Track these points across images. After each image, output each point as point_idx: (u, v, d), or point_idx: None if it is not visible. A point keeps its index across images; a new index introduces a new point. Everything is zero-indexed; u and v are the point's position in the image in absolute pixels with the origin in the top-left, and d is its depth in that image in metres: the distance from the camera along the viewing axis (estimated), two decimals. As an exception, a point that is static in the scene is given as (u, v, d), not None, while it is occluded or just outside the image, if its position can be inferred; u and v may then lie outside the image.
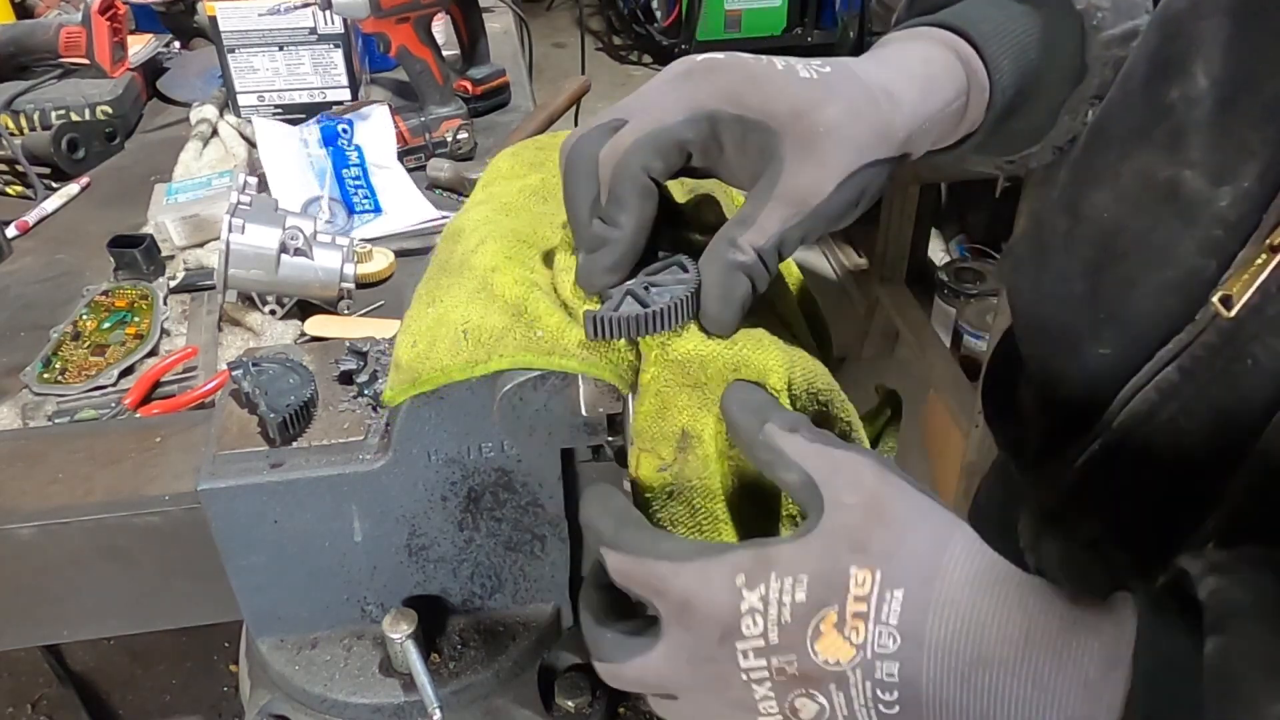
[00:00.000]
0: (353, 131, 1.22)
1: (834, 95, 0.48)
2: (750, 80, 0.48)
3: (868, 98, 0.49)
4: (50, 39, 1.45)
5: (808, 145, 0.47)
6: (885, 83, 0.51)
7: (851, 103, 0.48)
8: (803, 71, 0.48)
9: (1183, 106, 0.54)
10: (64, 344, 0.95)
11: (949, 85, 0.56)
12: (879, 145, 0.49)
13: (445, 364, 0.55)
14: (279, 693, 0.71)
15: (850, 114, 0.48)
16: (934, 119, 0.54)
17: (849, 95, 0.48)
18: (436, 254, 0.64)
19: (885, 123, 0.50)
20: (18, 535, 0.66)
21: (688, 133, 0.48)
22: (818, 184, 0.47)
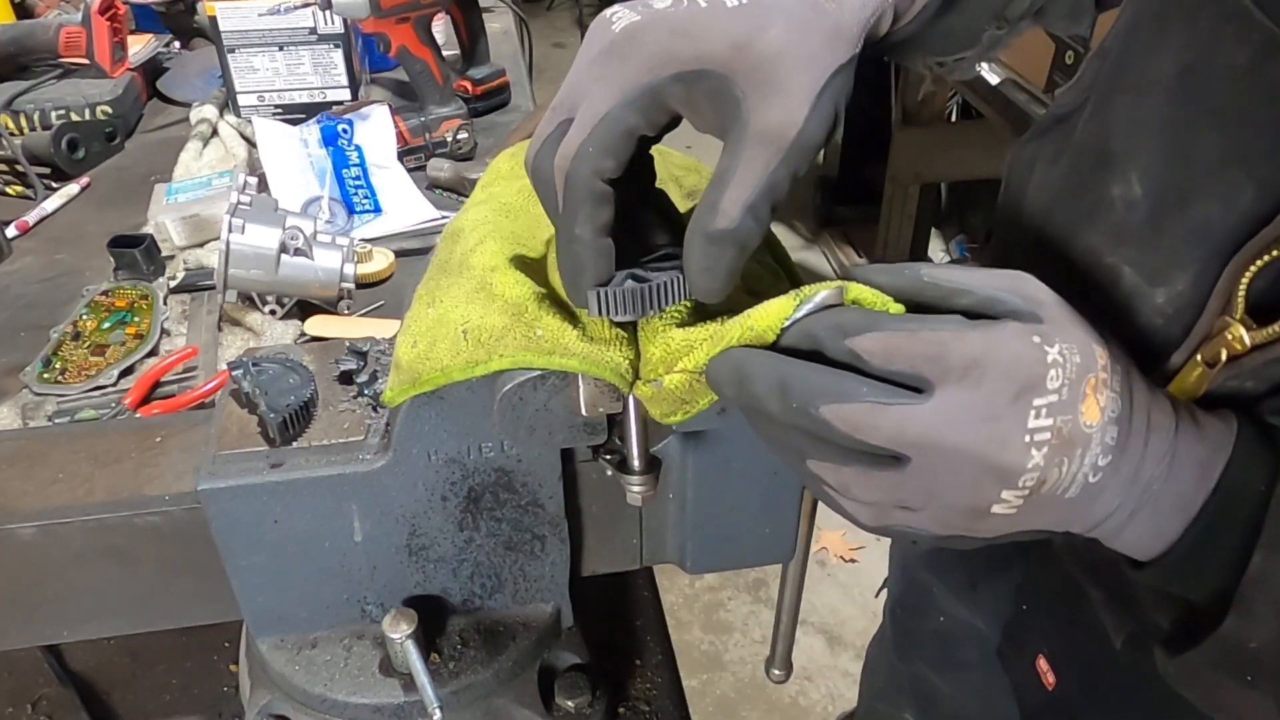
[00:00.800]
0: (353, 131, 1.22)
1: (770, 15, 0.44)
2: (675, 32, 0.45)
3: (806, 4, 0.46)
4: (50, 39, 1.45)
5: (763, 76, 0.44)
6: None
7: (790, 16, 0.45)
8: (730, 1, 0.45)
9: (1121, 206, 0.57)
10: (64, 344, 0.95)
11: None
12: (836, 51, 0.46)
13: (446, 364, 0.55)
14: (279, 693, 0.71)
15: (795, 28, 0.44)
16: (883, 3, 0.50)
17: (785, 9, 0.45)
18: (436, 255, 0.64)
19: (834, 25, 0.46)
20: (18, 535, 0.66)
21: (630, 118, 0.45)
22: (788, 114, 0.44)
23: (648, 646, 0.95)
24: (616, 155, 0.46)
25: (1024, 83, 1.91)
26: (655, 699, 0.89)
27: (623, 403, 0.55)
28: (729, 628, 2.20)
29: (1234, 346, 0.51)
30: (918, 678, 1.05)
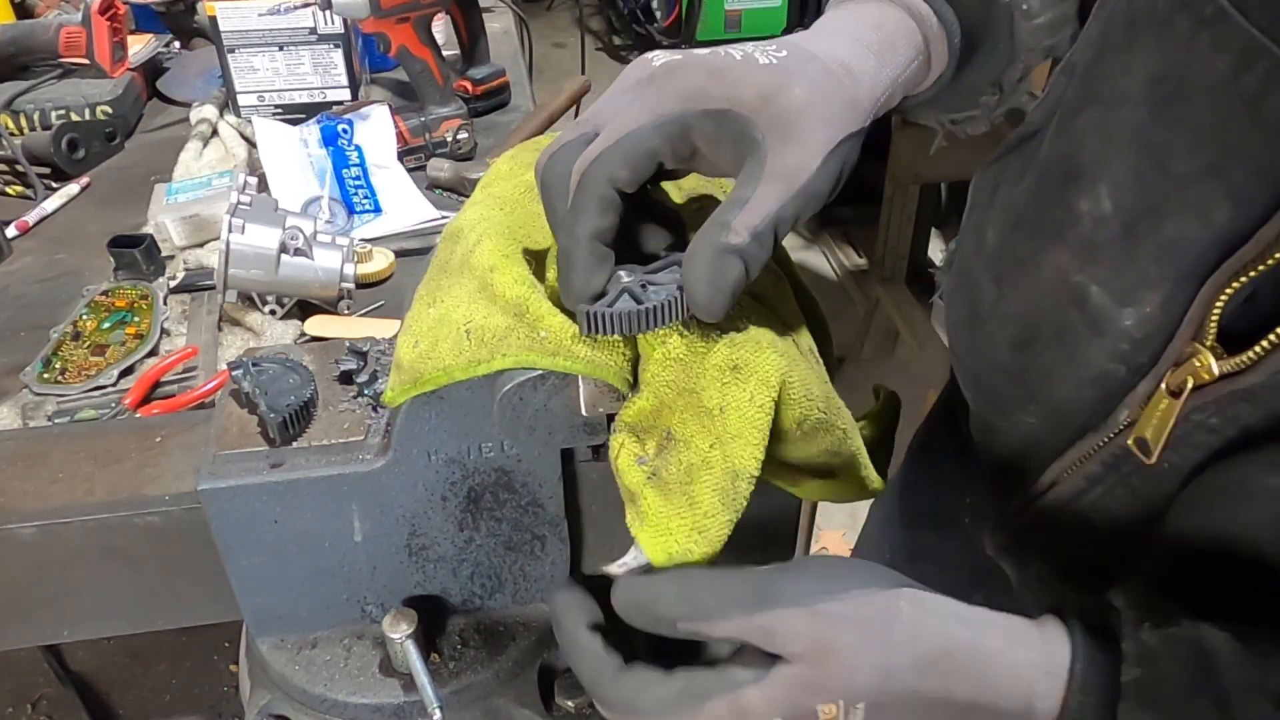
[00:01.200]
0: (353, 131, 1.22)
1: (796, 77, 0.48)
2: (712, 74, 0.48)
3: (828, 75, 0.50)
4: (50, 39, 1.45)
5: (784, 126, 0.47)
6: (842, 58, 0.51)
7: (814, 81, 0.49)
8: (761, 58, 0.49)
9: (1090, 222, 0.55)
10: (64, 344, 0.95)
11: (905, 48, 0.56)
12: (849, 119, 0.50)
13: (448, 363, 0.55)
14: (279, 693, 0.71)
15: (818, 91, 0.48)
16: (894, 84, 0.54)
17: (810, 75, 0.49)
18: (436, 255, 0.64)
19: (851, 97, 0.50)
20: (18, 535, 0.66)
21: (655, 139, 0.48)
22: (802, 161, 0.47)
23: (648, 646, 0.95)
24: (635, 169, 0.48)
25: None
26: (655, 699, 0.89)
27: (623, 402, 0.55)
28: (729, 628, 2.19)
29: (1201, 376, 0.49)
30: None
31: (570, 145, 0.50)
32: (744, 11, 4.45)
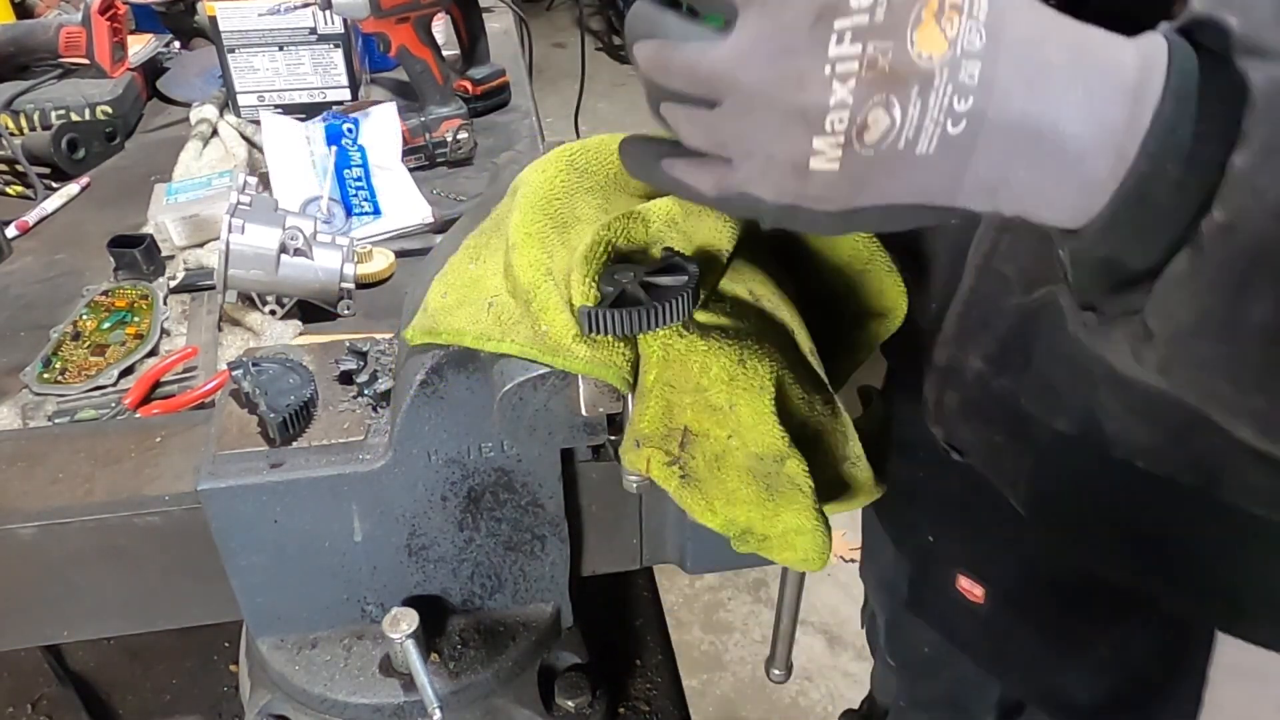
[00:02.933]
0: (358, 131, 1.22)
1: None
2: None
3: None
4: (50, 39, 1.45)
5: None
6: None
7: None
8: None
9: None
10: (64, 344, 0.95)
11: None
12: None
13: (462, 328, 0.55)
14: (279, 693, 0.71)
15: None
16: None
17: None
18: (498, 207, 0.62)
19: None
20: (18, 535, 0.66)
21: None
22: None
23: (648, 646, 0.95)
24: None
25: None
26: (655, 699, 0.89)
27: (623, 402, 0.55)
28: (729, 628, 2.20)
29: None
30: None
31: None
32: (744, 11, 4.45)
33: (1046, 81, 0.38)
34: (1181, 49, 0.39)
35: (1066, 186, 0.40)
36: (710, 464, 0.52)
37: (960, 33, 0.38)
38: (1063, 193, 0.40)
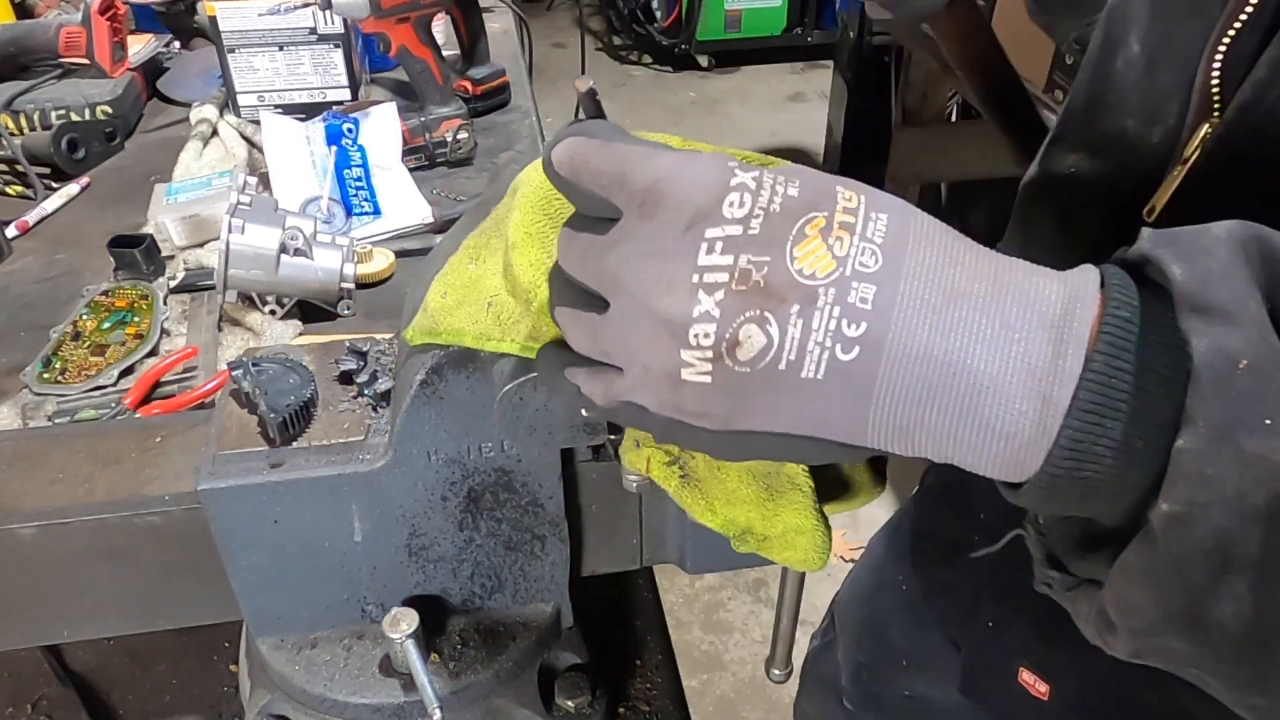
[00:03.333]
0: (358, 131, 1.22)
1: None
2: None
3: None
4: (50, 39, 1.44)
5: None
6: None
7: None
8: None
9: (1124, 70, 0.60)
10: (64, 344, 0.95)
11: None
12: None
13: (462, 328, 0.55)
14: (279, 693, 0.71)
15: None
16: None
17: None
18: (498, 206, 0.63)
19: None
20: (18, 535, 0.66)
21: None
22: None
23: (648, 646, 0.95)
24: None
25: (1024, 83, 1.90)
26: (655, 699, 0.89)
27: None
28: (729, 628, 2.19)
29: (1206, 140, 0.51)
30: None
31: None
32: (744, 11, 4.46)
33: (954, 311, 0.35)
34: (1122, 289, 0.35)
35: (987, 434, 0.35)
36: (710, 464, 0.52)
37: (851, 253, 0.35)
38: (985, 441, 0.35)
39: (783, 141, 4.00)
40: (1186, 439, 0.33)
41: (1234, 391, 0.32)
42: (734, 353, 0.35)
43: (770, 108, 4.44)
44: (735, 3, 4.42)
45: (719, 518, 0.53)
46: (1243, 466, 0.32)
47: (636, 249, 0.37)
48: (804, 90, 4.60)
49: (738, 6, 4.43)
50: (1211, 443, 0.32)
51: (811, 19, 4.50)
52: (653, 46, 4.66)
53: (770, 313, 0.35)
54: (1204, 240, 0.34)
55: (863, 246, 0.35)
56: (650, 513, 0.71)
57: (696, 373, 0.36)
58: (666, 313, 0.36)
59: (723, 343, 0.35)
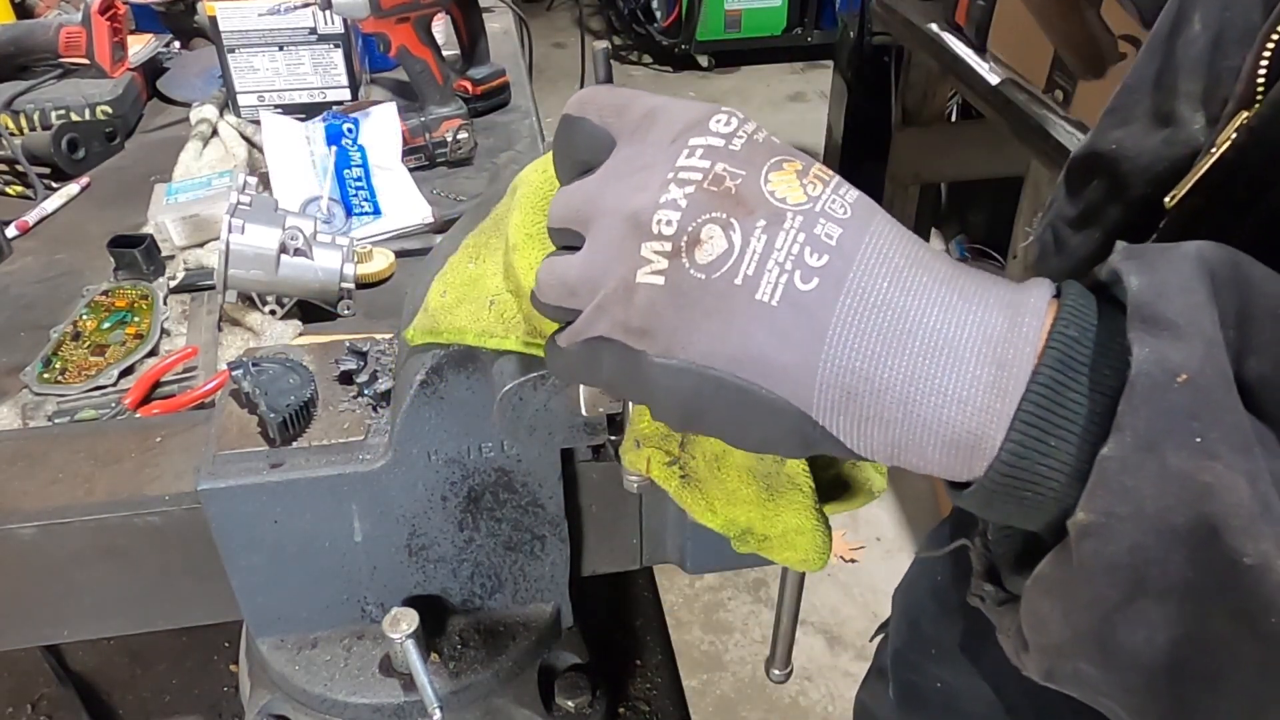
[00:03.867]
0: (358, 131, 1.22)
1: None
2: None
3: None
4: (50, 39, 1.44)
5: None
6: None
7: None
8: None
9: (1182, 50, 0.57)
10: (64, 344, 0.95)
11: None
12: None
13: (463, 326, 0.55)
14: (279, 693, 0.71)
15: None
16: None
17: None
18: (498, 206, 0.63)
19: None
20: (18, 535, 0.66)
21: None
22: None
23: (648, 646, 0.95)
24: None
25: (1024, 83, 1.90)
26: (655, 699, 0.89)
27: (623, 402, 0.55)
28: (729, 628, 2.20)
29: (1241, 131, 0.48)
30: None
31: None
32: (744, 11, 4.46)
33: (915, 275, 0.34)
34: (1076, 307, 0.34)
35: (940, 399, 0.34)
36: (710, 464, 0.52)
37: (823, 196, 0.35)
38: (937, 407, 0.34)
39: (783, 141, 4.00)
40: (1112, 447, 0.31)
41: (1167, 404, 0.31)
42: (693, 251, 0.35)
43: (770, 108, 4.44)
44: (735, 3, 4.42)
45: (719, 518, 0.53)
46: (1165, 481, 0.30)
47: (621, 168, 0.38)
48: (804, 90, 4.60)
49: (738, 6, 4.43)
50: (1135, 452, 0.31)
51: (811, 19, 4.51)
52: (653, 46, 4.66)
53: (736, 219, 0.35)
54: (1170, 255, 0.33)
55: (833, 196, 0.35)
56: (650, 513, 0.71)
57: (652, 270, 0.35)
58: (634, 207, 0.36)
59: (684, 235, 0.35)
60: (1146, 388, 0.31)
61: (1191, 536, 0.30)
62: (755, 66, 4.74)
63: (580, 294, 0.39)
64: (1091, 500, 0.32)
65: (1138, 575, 0.31)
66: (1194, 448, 0.30)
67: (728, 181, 0.35)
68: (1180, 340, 0.31)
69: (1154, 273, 0.33)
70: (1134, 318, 0.32)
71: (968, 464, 0.34)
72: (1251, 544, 0.30)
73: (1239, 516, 0.30)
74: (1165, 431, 0.30)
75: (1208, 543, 0.30)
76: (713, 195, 0.35)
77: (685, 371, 0.36)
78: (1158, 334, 0.31)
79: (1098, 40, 0.87)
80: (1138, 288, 0.33)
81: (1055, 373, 0.33)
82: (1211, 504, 0.30)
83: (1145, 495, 0.31)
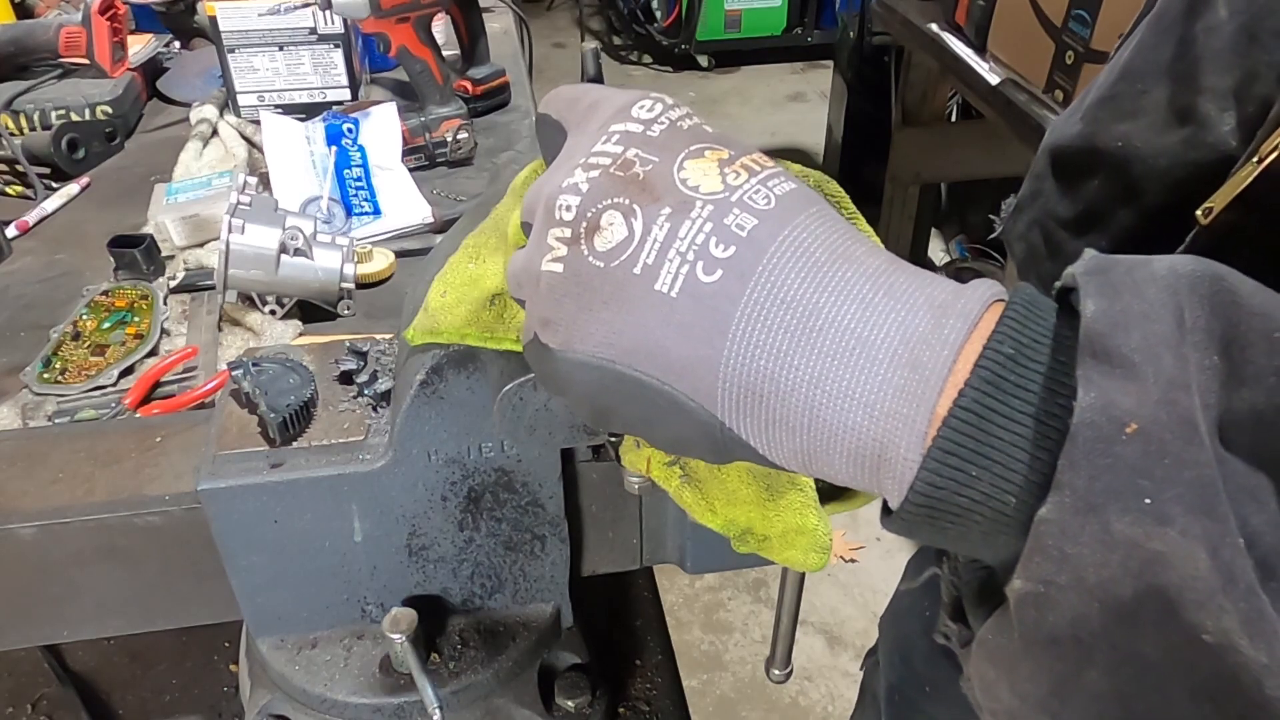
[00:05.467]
0: (358, 131, 1.22)
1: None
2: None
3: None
4: (50, 39, 1.45)
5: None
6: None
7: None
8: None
9: (1203, 38, 0.52)
10: (64, 344, 0.95)
11: None
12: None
13: (463, 326, 0.55)
14: (279, 693, 0.71)
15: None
16: None
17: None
18: (498, 206, 0.63)
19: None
20: (18, 535, 0.66)
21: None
22: None
23: (648, 646, 0.95)
24: None
25: (1024, 83, 1.90)
26: (655, 699, 0.89)
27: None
28: (729, 628, 2.20)
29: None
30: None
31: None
32: (744, 11, 4.46)
33: (837, 271, 0.32)
34: (1020, 318, 0.30)
35: (846, 402, 0.31)
36: (710, 464, 0.52)
37: (744, 186, 0.33)
38: (843, 410, 0.31)
39: (783, 141, 4.00)
40: (1050, 508, 0.28)
41: (1112, 459, 0.27)
42: (592, 239, 0.33)
43: (770, 108, 4.44)
44: (735, 3, 4.42)
45: (719, 518, 0.53)
46: (1108, 550, 0.27)
47: (561, 159, 0.37)
48: (804, 90, 4.60)
49: (738, 6, 4.43)
50: (1075, 516, 0.27)
51: (811, 19, 4.51)
52: (653, 46, 4.66)
53: (639, 206, 0.33)
54: (1138, 274, 0.29)
55: (757, 187, 0.33)
56: (650, 513, 0.71)
57: (553, 258, 0.34)
58: (545, 193, 0.35)
59: (583, 221, 0.34)
60: (1089, 440, 0.27)
61: (1141, 609, 0.27)
62: (755, 66, 4.74)
63: (524, 288, 0.38)
64: (1028, 567, 0.28)
65: (1083, 648, 0.28)
66: (1142, 510, 0.26)
67: (636, 167, 0.34)
68: (1133, 381, 0.27)
69: (1115, 296, 0.29)
70: (1084, 350, 0.28)
71: (875, 477, 0.32)
72: (1211, 620, 0.26)
73: (1195, 590, 0.26)
74: (1109, 492, 0.27)
75: (1161, 617, 0.27)
76: (617, 180, 0.34)
77: (585, 365, 0.34)
78: (1108, 374, 0.27)
79: None
80: (1093, 314, 0.28)
81: (981, 394, 0.29)
82: (1163, 575, 0.26)
83: (1087, 564, 0.27)
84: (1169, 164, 0.54)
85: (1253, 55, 0.50)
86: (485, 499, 0.66)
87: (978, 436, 0.29)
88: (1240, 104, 0.50)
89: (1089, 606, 0.28)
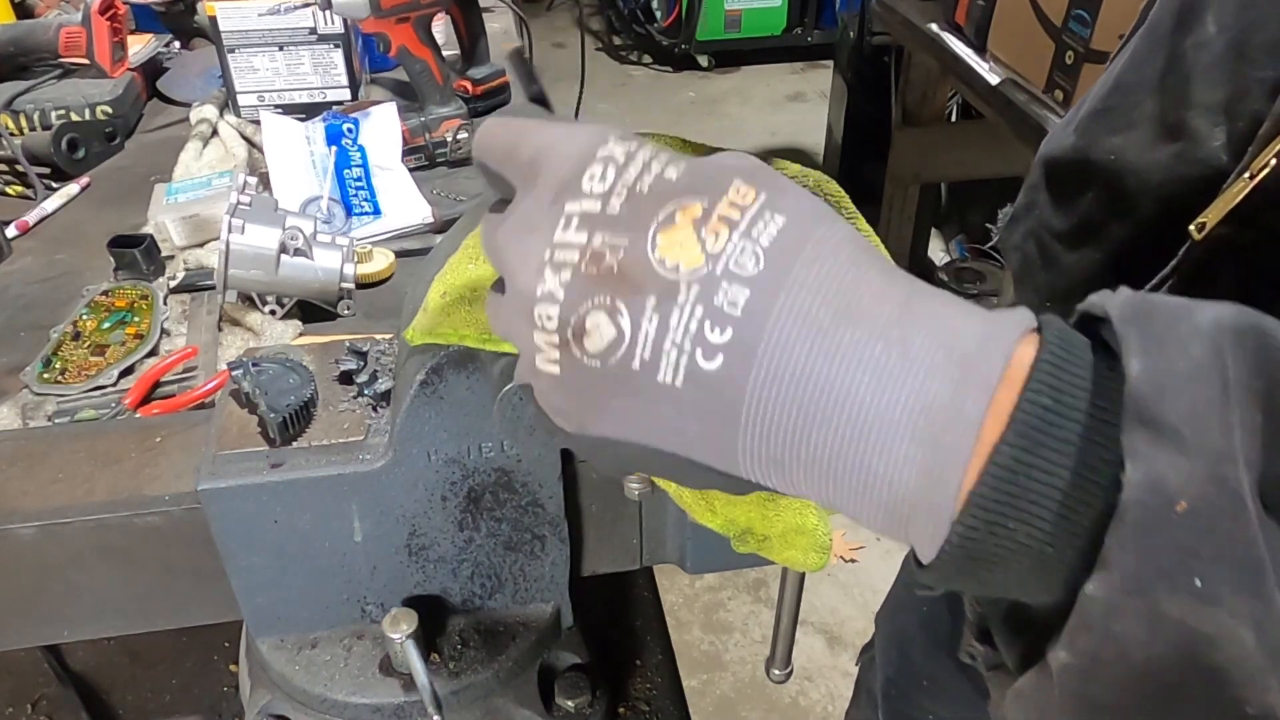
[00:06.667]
0: (358, 131, 1.22)
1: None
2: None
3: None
4: (50, 39, 1.44)
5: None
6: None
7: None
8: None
9: (1193, 53, 0.53)
10: (64, 344, 0.95)
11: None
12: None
13: (463, 327, 0.56)
14: (279, 693, 0.71)
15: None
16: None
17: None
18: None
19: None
20: (18, 535, 0.66)
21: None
22: None
23: (648, 646, 0.95)
24: None
25: (1024, 83, 1.90)
26: (655, 699, 0.89)
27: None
28: (729, 628, 2.20)
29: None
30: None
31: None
32: (744, 11, 4.46)
33: (845, 333, 0.30)
34: (1056, 364, 0.29)
35: (868, 477, 0.30)
36: None
37: (727, 250, 0.30)
38: (865, 485, 0.30)
39: (783, 141, 4.00)
40: (1096, 585, 0.27)
41: (1162, 540, 0.26)
42: (581, 342, 0.32)
43: (770, 108, 4.44)
44: (735, 3, 4.42)
45: (719, 518, 0.53)
46: (1156, 630, 0.27)
47: (515, 223, 0.34)
48: (804, 90, 4.60)
49: (738, 6, 4.43)
50: (1125, 596, 0.27)
51: (811, 19, 4.51)
52: (653, 46, 4.66)
53: (623, 302, 0.31)
54: (1181, 328, 0.28)
55: (743, 245, 0.31)
56: (650, 513, 0.71)
57: (547, 360, 0.33)
58: (520, 288, 0.33)
59: (567, 328, 0.32)
60: (1139, 520, 0.27)
61: (1187, 685, 0.27)
62: (755, 66, 4.74)
63: (512, 337, 0.37)
64: (1074, 641, 0.28)
65: (1126, 715, 0.28)
66: (1192, 591, 0.26)
67: (608, 258, 0.31)
68: (1182, 455, 0.26)
69: (1161, 354, 0.27)
70: (1130, 416, 0.27)
71: (904, 531, 0.31)
72: (1256, 696, 0.26)
73: (1242, 668, 0.26)
74: (1159, 574, 0.26)
75: (1207, 692, 0.27)
76: (592, 279, 0.31)
77: (605, 441, 0.34)
78: (1155, 443, 0.27)
79: None
80: (1139, 374, 0.27)
81: (1018, 450, 0.28)
82: (1212, 655, 0.26)
83: (1134, 642, 0.27)
84: (1161, 178, 0.54)
85: (1242, 71, 0.50)
86: (485, 499, 0.66)
87: (1014, 490, 0.28)
88: (1230, 119, 0.50)
89: (1134, 681, 0.28)
